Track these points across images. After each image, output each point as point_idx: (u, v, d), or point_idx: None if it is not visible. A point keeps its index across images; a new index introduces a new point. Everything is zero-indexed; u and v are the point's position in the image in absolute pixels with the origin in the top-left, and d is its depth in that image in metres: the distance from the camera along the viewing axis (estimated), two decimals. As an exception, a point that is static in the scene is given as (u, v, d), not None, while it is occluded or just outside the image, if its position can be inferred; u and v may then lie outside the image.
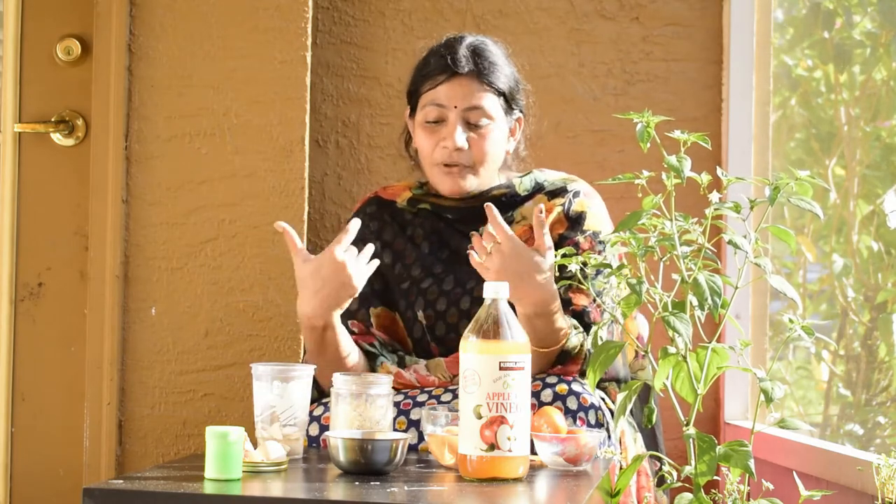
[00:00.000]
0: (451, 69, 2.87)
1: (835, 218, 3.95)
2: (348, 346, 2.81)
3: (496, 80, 2.89)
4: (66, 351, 3.26)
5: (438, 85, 2.88)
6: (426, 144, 2.89)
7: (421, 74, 2.92)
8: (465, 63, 2.87)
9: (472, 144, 2.87)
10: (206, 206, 3.23)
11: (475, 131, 2.88)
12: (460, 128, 2.86)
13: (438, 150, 2.88)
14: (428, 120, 2.89)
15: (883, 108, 3.89)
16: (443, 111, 2.87)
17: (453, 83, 2.87)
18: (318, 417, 2.76)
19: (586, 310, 2.83)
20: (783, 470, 3.01)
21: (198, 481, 2.29)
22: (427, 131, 2.89)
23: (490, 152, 2.89)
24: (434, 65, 2.89)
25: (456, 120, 2.86)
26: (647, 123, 2.36)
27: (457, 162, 2.87)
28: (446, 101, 2.87)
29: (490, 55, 2.90)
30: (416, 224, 2.99)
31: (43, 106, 3.28)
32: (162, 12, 3.23)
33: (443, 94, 2.87)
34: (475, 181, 2.90)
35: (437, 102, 2.88)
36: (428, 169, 2.92)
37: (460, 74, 2.87)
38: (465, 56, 2.88)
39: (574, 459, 2.50)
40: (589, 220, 2.91)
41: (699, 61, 3.49)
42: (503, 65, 2.92)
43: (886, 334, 3.81)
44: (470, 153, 2.87)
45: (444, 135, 2.87)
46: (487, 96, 2.88)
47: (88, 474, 3.18)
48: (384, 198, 3.02)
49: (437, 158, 2.88)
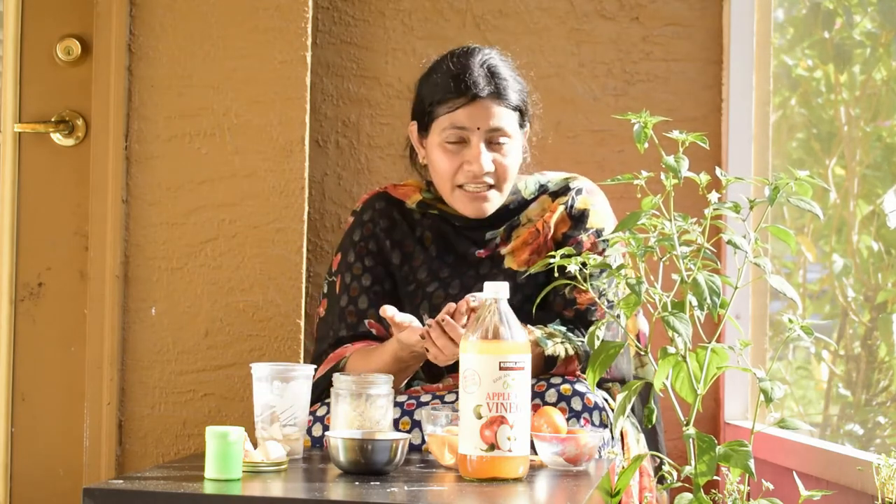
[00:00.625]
0: (471, 91, 2.84)
1: (835, 218, 3.95)
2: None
3: (512, 98, 2.87)
4: (66, 351, 3.26)
5: (458, 108, 2.84)
6: (447, 167, 2.87)
7: (435, 96, 2.87)
8: (485, 85, 2.84)
9: (496, 165, 2.86)
10: (206, 206, 3.23)
11: (498, 151, 2.86)
12: (484, 150, 2.84)
13: (462, 172, 2.86)
14: (449, 142, 2.87)
15: (883, 108, 3.89)
16: (465, 133, 2.85)
17: (475, 106, 2.84)
18: (322, 418, 2.76)
19: (590, 308, 2.83)
20: (783, 470, 3.01)
21: (198, 481, 2.29)
22: (448, 153, 2.86)
23: (512, 169, 2.88)
24: (452, 88, 2.85)
25: (479, 142, 2.84)
26: (644, 124, 2.36)
27: (483, 184, 2.86)
28: (469, 124, 2.84)
29: (503, 71, 2.88)
30: (424, 226, 2.98)
31: (43, 106, 3.28)
32: (162, 12, 3.23)
33: (464, 117, 2.84)
34: (498, 200, 2.89)
35: (458, 125, 2.84)
36: (446, 189, 2.89)
37: (481, 97, 2.84)
38: (483, 76, 2.85)
39: (574, 459, 2.50)
40: (592, 217, 2.91)
41: (699, 61, 3.49)
42: (513, 79, 2.90)
43: (886, 334, 3.81)
44: (494, 174, 2.86)
45: (468, 158, 2.84)
46: (506, 114, 2.86)
47: (88, 474, 3.18)
48: (394, 196, 3.01)
49: (459, 180, 2.87)
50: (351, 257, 2.97)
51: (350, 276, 2.95)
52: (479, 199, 2.87)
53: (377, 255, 2.96)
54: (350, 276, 2.95)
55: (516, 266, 2.91)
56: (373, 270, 2.95)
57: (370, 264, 2.95)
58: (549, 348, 2.74)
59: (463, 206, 2.88)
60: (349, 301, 2.93)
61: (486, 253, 2.93)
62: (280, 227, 3.23)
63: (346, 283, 2.95)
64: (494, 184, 2.86)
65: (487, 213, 2.89)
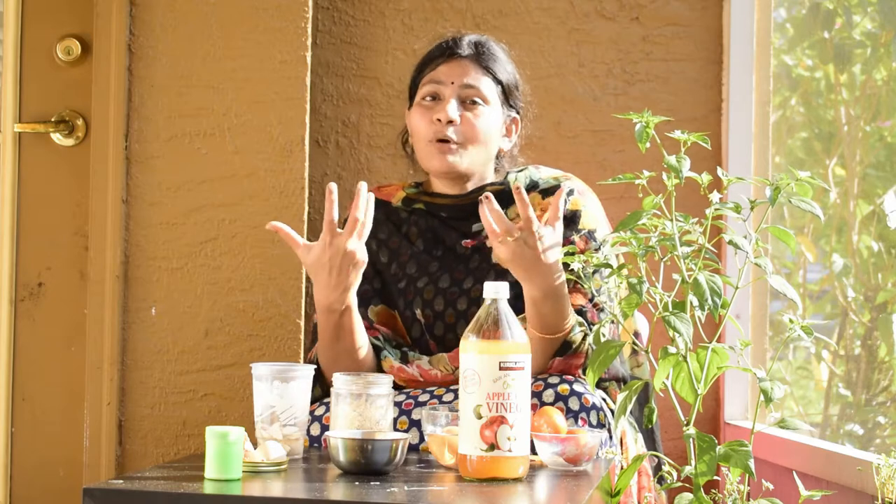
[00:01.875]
0: (451, 51, 2.92)
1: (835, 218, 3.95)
2: (363, 338, 2.82)
3: (495, 69, 2.93)
4: (66, 351, 3.26)
5: (438, 66, 2.92)
6: (421, 123, 2.91)
7: (421, 64, 2.97)
8: (467, 47, 2.93)
9: (464, 121, 2.89)
10: (206, 206, 3.23)
11: (470, 110, 2.90)
12: (454, 102, 2.89)
13: (431, 125, 2.89)
14: (424, 98, 2.91)
15: (883, 108, 3.89)
16: (439, 88, 2.90)
17: (452, 63, 2.92)
18: (320, 417, 2.76)
19: (583, 309, 2.83)
20: (783, 470, 3.01)
21: (198, 481, 2.29)
22: (423, 109, 2.92)
23: (482, 131, 2.89)
24: (435, 51, 2.95)
25: (451, 95, 2.89)
26: (646, 124, 2.36)
27: (448, 137, 2.87)
28: (444, 78, 2.91)
29: (492, 48, 2.95)
30: (410, 222, 2.99)
31: (43, 106, 3.28)
32: (162, 12, 3.23)
33: (441, 72, 2.92)
34: (466, 158, 2.90)
35: (434, 80, 2.91)
36: (421, 150, 2.92)
37: (460, 56, 2.92)
38: (468, 42, 2.94)
39: (574, 459, 2.50)
40: (584, 218, 2.91)
41: (699, 61, 3.49)
42: (504, 60, 2.96)
43: (886, 334, 3.81)
44: (461, 129, 2.88)
45: (438, 110, 2.89)
46: (484, 80, 2.91)
47: (88, 474, 3.18)
48: (379, 198, 3.02)
49: (427, 134, 2.89)
50: None
51: None
52: (444, 150, 2.88)
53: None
54: None
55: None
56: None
57: None
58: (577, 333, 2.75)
59: (430, 159, 2.90)
60: None
61: (473, 243, 2.93)
62: (280, 227, 3.23)
63: None
64: (461, 141, 2.88)
65: (455, 169, 2.90)
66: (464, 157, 2.90)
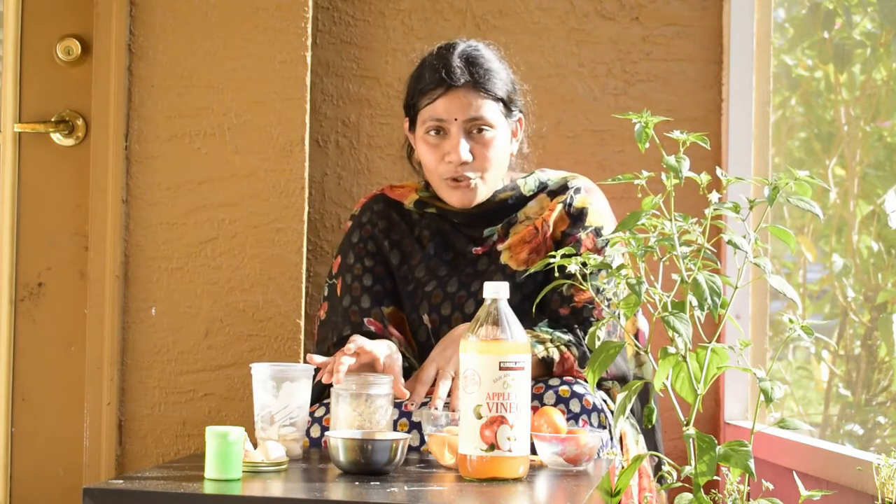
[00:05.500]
0: (446, 82, 2.84)
1: (835, 218, 3.95)
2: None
3: (493, 87, 2.86)
4: (66, 351, 3.26)
5: (436, 99, 2.85)
6: (430, 159, 2.88)
7: (417, 89, 2.89)
8: (461, 74, 2.84)
9: (476, 154, 2.85)
10: (206, 206, 3.23)
11: (478, 141, 2.85)
12: (463, 140, 2.84)
13: (443, 165, 2.86)
14: (429, 135, 2.87)
15: (883, 108, 3.89)
16: (443, 125, 2.85)
17: (451, 96, 2.84)
18: (320, 419, 2.76)
19: (587, 306, 2.83)
20: (783, 470, 3.01)
21: (198, 481, 2.29)
22: (429, 146, 2.87)
23: (494, 159, 2.87)
24: (429, 79, 2.86)
25: (458, 133, 2.84)
26: (646, 124, 2.36)
27: (463, 175, 2.86)
28: (446, 115, 2.84)
29: (484, 62, 2.88)
30: (422, 225, 2.98)
31: (43, 106, 3.28)
32: (162, 12, 3.23)
33: (441, 108, 2.85)
34: (484, 190, 2.89)
35: (436, 117, 2.85)
36: (434, 182, 2.90)
37: (456, 87, 2.84)
38: (460, 67, 2.85)
39: (574, 459, 2.50)
40: (590, 216, 2.91)
41: (699, 61, 3.49)
42: (498, 69, 2.89)
43: (886, 334, 3.81)
44: (475, 164, 2.86)
45: (448, 149, 2.84)
46: (486, 104, 2.86)
47: (88, 474, 3.19)
48: (391, 197, 3.01)
49: (442, 173, 2.87)
50: (351, 259, 2.97)
51: (351, 276, 2.95)
52: (460, 188, 2.87)
53: (376, 256, 2.96)
54: (351, 276, 2.95)
55: (515, 265, 2.91)
56: (373, 270, 2.95)
57: (370, 265, 2.96)
58: (541, 352, 2.74)
59: (449, 197, 2.89)
60: (352, 301, 2.93)
61: (484, 249, 2.93)
62: (280, 227, 3.23)
63: (348, 284, 2.95)
64: (476, 175, 2.86)
65: (473, 203, 2.89)
66: (481, 187, 2.88)
